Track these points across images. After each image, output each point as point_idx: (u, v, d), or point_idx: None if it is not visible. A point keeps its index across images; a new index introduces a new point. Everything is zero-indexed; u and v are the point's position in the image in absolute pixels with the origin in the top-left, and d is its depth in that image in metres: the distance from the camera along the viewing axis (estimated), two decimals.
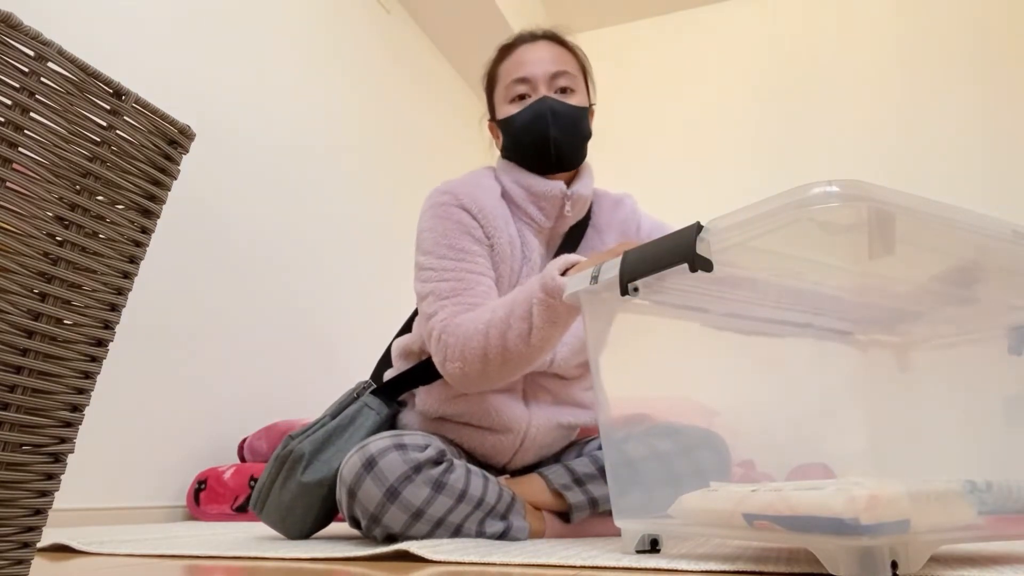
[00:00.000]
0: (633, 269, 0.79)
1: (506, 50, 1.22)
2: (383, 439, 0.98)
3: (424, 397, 1.17)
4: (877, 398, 0.64)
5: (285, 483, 1.09)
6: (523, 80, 1.16)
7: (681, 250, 0.72)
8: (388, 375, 1.24)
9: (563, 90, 1.16)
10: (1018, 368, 0.76)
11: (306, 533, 1.12)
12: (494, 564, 0.77)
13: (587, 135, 1.19)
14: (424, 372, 1.16)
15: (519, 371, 1.03)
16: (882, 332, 0.68)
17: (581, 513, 1.08)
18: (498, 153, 1.26)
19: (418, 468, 0.95)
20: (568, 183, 1.18)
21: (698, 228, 0.72)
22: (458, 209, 1.13)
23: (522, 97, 1.16)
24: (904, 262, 0.65)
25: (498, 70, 1.21)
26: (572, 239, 1.20)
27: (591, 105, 1.23)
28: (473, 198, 1.14)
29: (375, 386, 1.21)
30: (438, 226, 1.12)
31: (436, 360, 1.06)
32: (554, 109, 1.13)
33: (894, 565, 0.57)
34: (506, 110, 1.17)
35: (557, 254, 1.19)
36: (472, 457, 1.18)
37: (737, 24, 3.72)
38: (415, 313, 1.25)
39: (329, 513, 1.11)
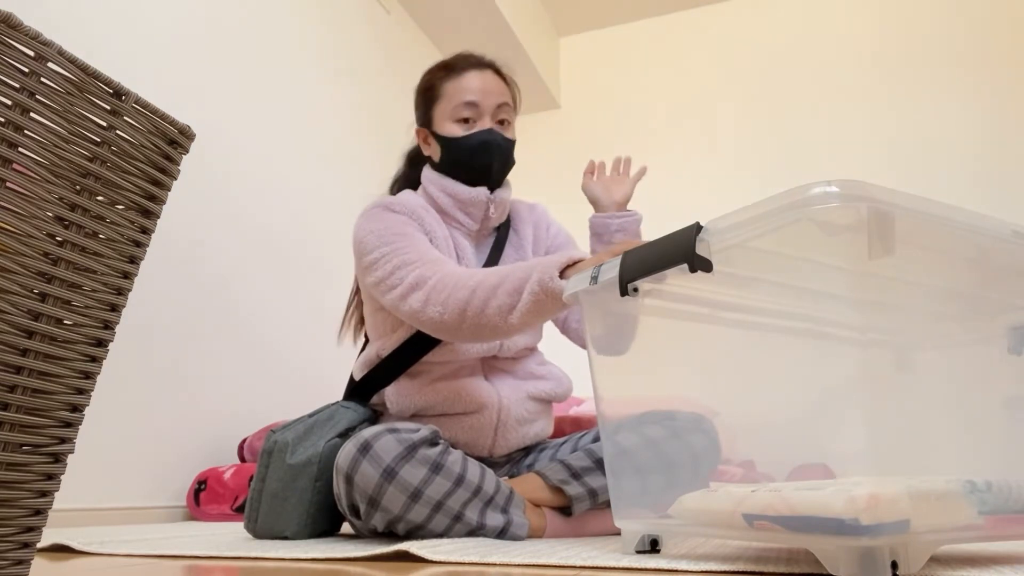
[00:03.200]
0: (633, 269, 0.79)
1: (453, 69, 1.29)
2: (375, 427, 1.00)
3: (394, 397, 1.21)
4: (877, 398, 0.64)
5: (274, 471, 1.11)
6: (471, 104, 1.24)
7: (681, 250, 0.73)
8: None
9: (502, 122, 1.27)
10: (1018, 368, 0.76)
11: (306, 528, 1.11)
12: (494, 564, 0.77)
13: (513, 164, 1.31)
14: (388, 367, 1.21)
15: (490, 339, 1.08)
16: (882, 332, 0.68)
17: (582, 504, 1.09)
18: (421, 159, 1.36)
19: (413, 447, 0.97)
20: (491, 189, 1.28)
21: (697, 228, 0.72)
22: (388, 212, 1.22)
23: (467, 120, 1.25)
24: (904, 262, 0.65)
25: (443, 86, 1.28)
26: (498, 238, 1.32)
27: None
28: (402, 204, 1.23)
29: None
30: (377, 226, 1.19)
31: (414, 307, 1.08)
32: (498, 143, 1.24)
33: (894, 565, 0.57)
34: (450, 129, 1.25)
35: (491, 254, 1.29)
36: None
37: (736, 24, 3.72)
38: (367, 339, 1.33)
39: (327, 509, 1.11)
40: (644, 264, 0.77)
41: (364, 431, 0.99)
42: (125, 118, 0.54)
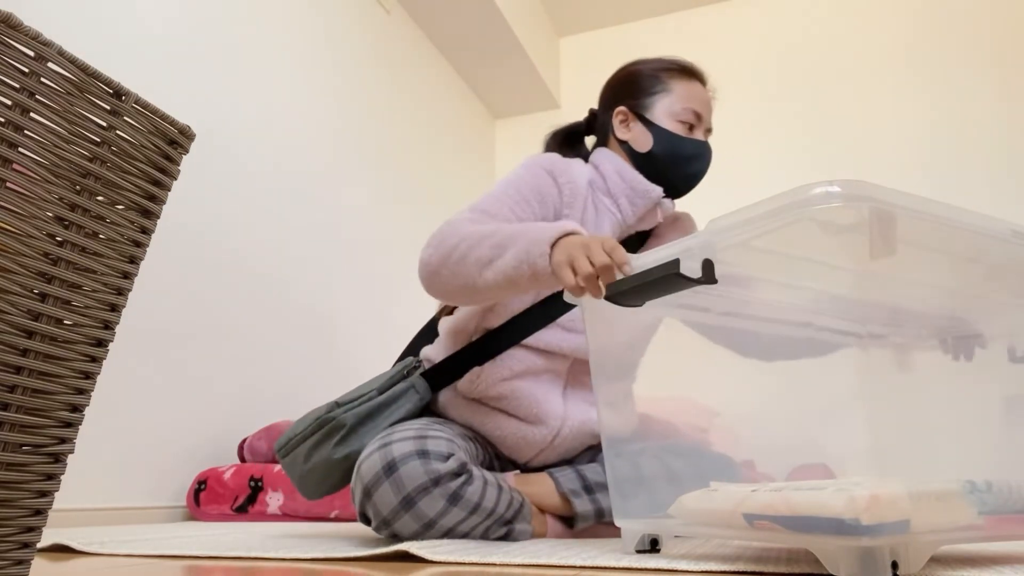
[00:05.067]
0: (620, 289, 0.78)
1: (683, 72, 1.28)
2: (406, 440, 0.97)
3: (469, 375, 1.16)
4: (877, 398, 0.64)
5: (316, 449, 1.08)
6: (698, 115, 1.24)
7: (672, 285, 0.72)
8: (429, 351, 1.23)
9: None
10: (1018, 368, 0.76)
11: (320, 495, 1.12)
12: (494, 564, 0.77)
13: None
14: (476, 352, 1.17)
15: (463, 295, 1.03)
16: (882, 332, 0.68)
17: (585, 522, 1.08)
18: (608, 137, 1.30)
19: (437, 481, 0.95)
20: (667, 194, 1.26)
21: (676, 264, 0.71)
22: (546, 174, 1.18)
23: (690, 126, 1.24)
24: (905, 262, 0.65)
25: (673, 82, 1.26)
26: (638, 241, 1.28)
27: None
28: (565, 171, 1.20)
29: (421, 365, 1.20)
30: (516, 177, 1.17)
31: (423, 247, 1.07)
32: (710, 159, 1.25)
33: (894, 565, 0.57)
34: (672, 125, 1.24)
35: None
36: (496, 451, 1.18)
37: (739, 24, 3.72)
38: None
39: (345, 481, 1.11)
40: (636, 288, 0.77)
41: (393, 445, 0.96)
42: (125, 118, 0.54)
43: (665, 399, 0.89)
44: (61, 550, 1.03)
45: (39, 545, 0.74)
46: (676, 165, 1.22)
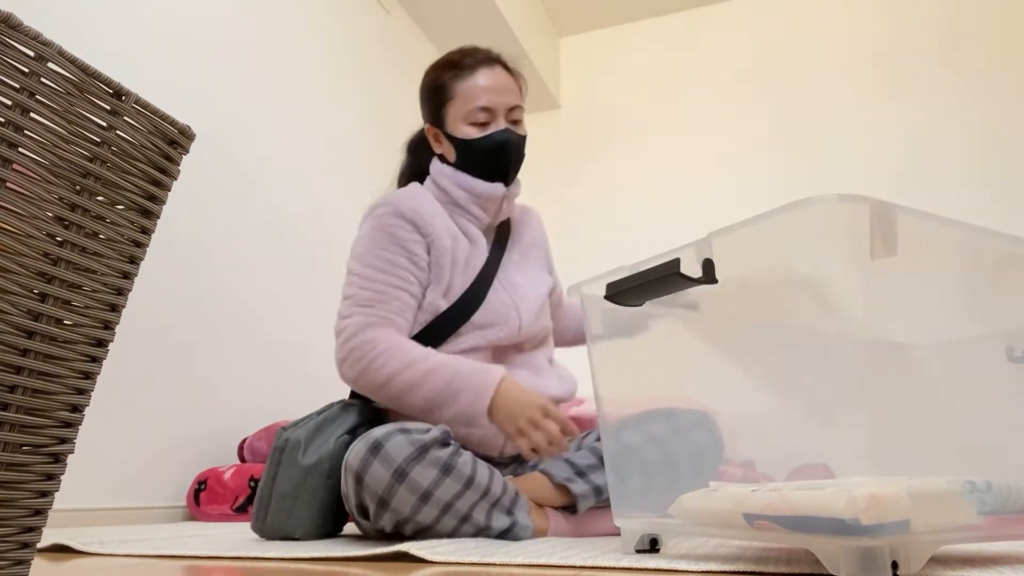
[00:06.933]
0: (620, 289, 0.79)
1: (462, 68, 1.26)
2: (385, 426, 1.00)
3: None
4: (877, 398, 0.64)
5: (286, 470, 1.10)
6: (487, 109, 1.23)
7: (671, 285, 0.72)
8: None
9: (515, 122, 1.26)
10: (1018, 368, 0.76)
11: (316, 528, 1.10)
12: (494, 564, 0.77)
13: (524, 157, 1.30)
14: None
15: (402, 411, 1.14)
16: (882, 332, 0.68)
17: (587, 502, 1.09)
18: (435, 155, 1.34)
19: (425, 449, 0.96)
20: (505, 184, 1.28)
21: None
22: (396, 218, 1.21)
23: (483, 124, 1.23)
24: (906, 262, 0.65)
25: (454, 86, 1.25)
26: (502, 232, 1.34)
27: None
28: (410, 206, 1.22)
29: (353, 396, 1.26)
30: (375, 235, 1.20)
31: (337, 357, 1.16)
32: (514, 143, 1.24)
33: (895, 565, 0.57)
34: (464, 131, 1.24)
35: (496, 243, 1.29)
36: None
37: (738, 25, 3.72)
38: None
39: (336, 507, 1.11)
40: (637, 287, 0.77)
41: (374, 430, 0.99)
42: (125, 118, 0.54)
43: (665, 399, 0.89)
44: (61, 550, 1.03)
45: (39, 545, 0.74)
46: (485, 164, 1.24)
